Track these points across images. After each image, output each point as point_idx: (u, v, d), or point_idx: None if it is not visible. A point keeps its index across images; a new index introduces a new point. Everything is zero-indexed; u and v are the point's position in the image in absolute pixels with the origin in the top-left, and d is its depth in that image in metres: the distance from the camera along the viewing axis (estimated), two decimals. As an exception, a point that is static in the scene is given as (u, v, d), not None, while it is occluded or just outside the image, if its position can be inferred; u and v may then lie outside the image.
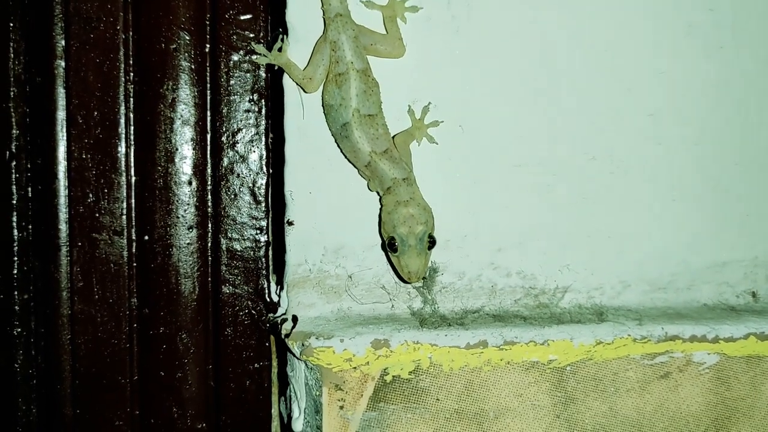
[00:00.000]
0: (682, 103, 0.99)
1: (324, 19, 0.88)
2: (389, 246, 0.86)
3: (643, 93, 0.98)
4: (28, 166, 0.90)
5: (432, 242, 0.86)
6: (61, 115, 0.90)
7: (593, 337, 0.92)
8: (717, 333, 0.94)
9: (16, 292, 0.91)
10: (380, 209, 0.89)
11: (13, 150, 0.88)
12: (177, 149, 0.92)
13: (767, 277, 1.03)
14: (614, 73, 0.96)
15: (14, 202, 0.89)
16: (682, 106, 0.99)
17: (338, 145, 0.89)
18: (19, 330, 0.92)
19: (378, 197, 0.90)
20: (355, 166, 0.90)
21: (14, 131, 0.88)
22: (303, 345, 0.85)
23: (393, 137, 0.90)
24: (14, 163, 0.87)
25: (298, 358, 0.88)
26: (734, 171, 1.01)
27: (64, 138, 0.90)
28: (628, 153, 0.98)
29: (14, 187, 0.88)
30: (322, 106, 0.89)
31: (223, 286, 0.94)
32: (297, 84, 0.89)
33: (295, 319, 0.91)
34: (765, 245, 1.02)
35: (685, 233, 1.00)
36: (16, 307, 0.91)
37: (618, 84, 0.97)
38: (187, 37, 0.91)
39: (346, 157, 0.90)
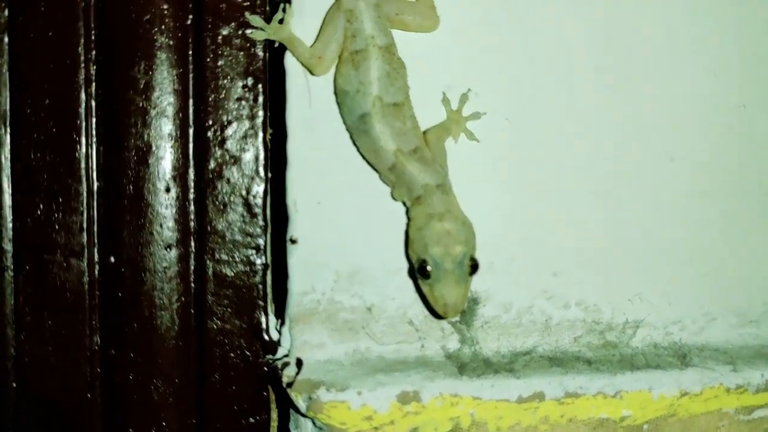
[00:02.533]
0: (781, 92, 0.89)
1: (337, -19, 0.78)
2: (419, 271, 0.76)
3: (732, 79, 0.88)
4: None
5: (474, 266, 0.76)
6: (4, 104, 0.81)
7: (677, 386, 0.81)
8: (830, 380, 0.84)
9: (-51, 327, 0.84)
10: (408, 224, 0.80)
11: None
12: (151, 147, 0.81)
13: None
14: (696, 55, 0.87)
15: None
16: (780, 96, 0.89)
17: (355, 143, 0.81)
18: (-49, 376, 0.84)
19: (405, 208, 0.80)
20: (375, 169, 0.81)
21: None
22: (310, 398, 0.76)
23: (424, 133, 0.81)
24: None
25: (303, 415, 0.78)
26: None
27: (8, 133, 0.81)
28: (713, 153, 0.88)
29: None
30: (335, 92, 0.80)
31: (209, 321, 0.83)
32: (303, 65, 0.80)
33: (299, 362, 0.80)
34: None
35: (782, 253, 0.90)
36: (-52, 347, 0.83)
37: (701, 68, 0.87)
38: (165, 6, 0.80)
39: (364, 157, 0.81)
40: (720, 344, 0.87)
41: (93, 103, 0.82)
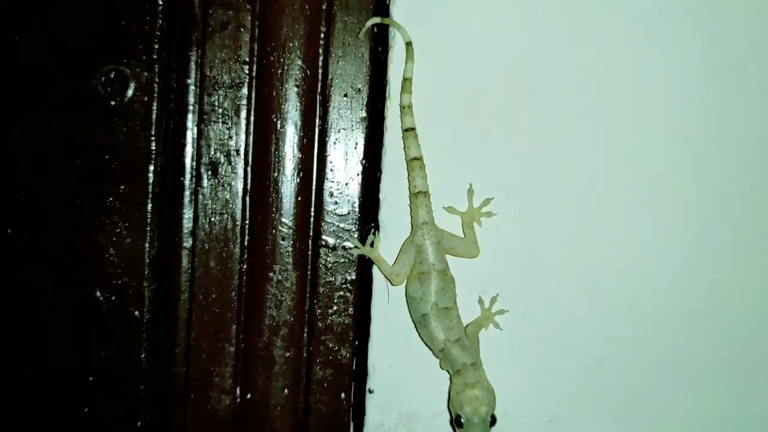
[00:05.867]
0: None
1: (411, 224, 0.96)
2: (455, 422, 0.93)
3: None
4: (155, 331, 1.04)
5: (493, 421, 0.93)
6: (185, 293, 1.01)
7: None
8: None
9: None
10: (450, 386, 0.95)
11: (144, 320, 1.03)
12: (280, 327, 1.01)
13: None
14: (742, 295, 0.97)
15: (143, 364, 1.03)
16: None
17: (417, 330, 0.96)
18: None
19: (449, 375, 0.95)
20: (430, 349, 0.96)
21: (146, 307, 1.02)
22: None
23: (465, 326, 0.96)
24: (144, 336, 1.01)
25: None
26: None
27: (187, 311, 1.01)
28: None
29: (143, 354, 1.02)
30: (405, 296, 0.96)
31: (309, 439, 1.02)
32: (385, 276, 0.97)
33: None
34: None
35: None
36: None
37: (750, 309, 0.97)
38: (293, 231, 1.00)
39: (422, 340, 0.96)
40: None
41: (243, 290, 0.99)
